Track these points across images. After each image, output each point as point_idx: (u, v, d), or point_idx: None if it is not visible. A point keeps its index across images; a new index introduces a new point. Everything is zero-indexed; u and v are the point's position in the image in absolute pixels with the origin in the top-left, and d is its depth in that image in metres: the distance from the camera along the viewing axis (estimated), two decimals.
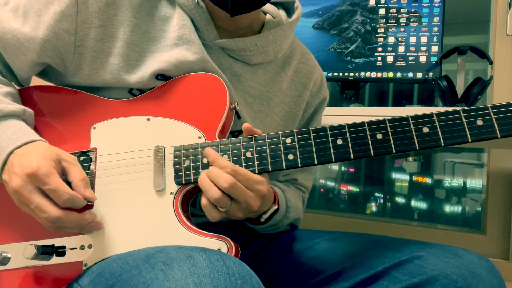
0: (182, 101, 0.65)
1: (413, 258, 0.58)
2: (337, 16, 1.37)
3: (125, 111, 0.66)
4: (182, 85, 0.66)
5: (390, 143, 0.55)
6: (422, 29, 1.28)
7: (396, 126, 0.56)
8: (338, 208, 2.00)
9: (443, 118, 0.55)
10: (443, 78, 1.15)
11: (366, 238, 0.68)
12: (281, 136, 0.59)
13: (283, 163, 0.58)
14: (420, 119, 0.55)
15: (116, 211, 0.60)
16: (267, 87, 0.77)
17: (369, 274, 0.60)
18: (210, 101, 0.64)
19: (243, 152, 0.59)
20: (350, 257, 0.64)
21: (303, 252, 0.71)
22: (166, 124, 0.64)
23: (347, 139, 0.57)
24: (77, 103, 0.67)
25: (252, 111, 0.75)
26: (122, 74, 0.66)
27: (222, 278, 0.44)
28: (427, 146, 0.55)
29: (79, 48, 0.65)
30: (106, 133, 0.65)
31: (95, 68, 0.66)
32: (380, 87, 2.03)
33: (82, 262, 0.58)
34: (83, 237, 0.59)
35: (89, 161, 0.63)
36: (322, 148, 0.57)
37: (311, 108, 0.84)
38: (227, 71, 0.72)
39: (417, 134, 0.55)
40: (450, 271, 0.54)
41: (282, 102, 0.78)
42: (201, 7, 0.69)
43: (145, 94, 0.67)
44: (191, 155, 0.61)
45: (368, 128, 0.56)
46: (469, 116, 0.54)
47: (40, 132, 0.66)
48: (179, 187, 0.60)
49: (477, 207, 1.77)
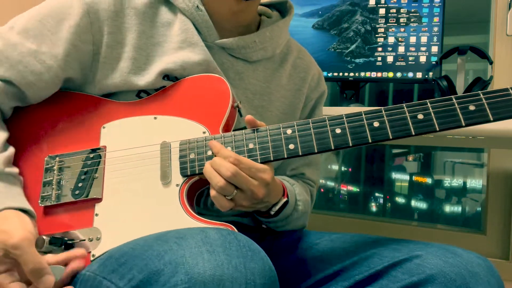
0: (187, 100, 0.68)
1: (412, 258, 0.58)
2: (337, 16, 1.37)
3: (133, 112, 0.69)
4: (187, 86, 0.69)
5: (386, 130, 0.58)
6: (422, 29, 1.28)
7: (392, 114, 0.58)
8: (338, 208, 2.00)
9: (437, 105, 0.57)
10: (443, 78, 1.15)
11: (366, 238, 0.69)
12: (282, 127, 0.62)
13: (284, 152, 0.60)
14: (414, 107, 0.58)
15: (124, 204, 0.63)
16: (267, 83, 0.80)
17: (369, 273, 0.61)
18: (214, 99, 0.67)
19: (245, 143, 0.62)
20: (350, 256, 0.65)
21: (304, 252, 0.71)
22: (172, 122, 0.67)
23: (345, 128, 0.59)
24: (87, 106, 0.70)
25: (253, 106, 0.77)
26: (131, 76, 0.68)
27: (234, 249, 0.47)
28: (422, 132, 0.57)
29: (96, 56, 0.68)
30: (115, 132, 0.68)
31: (105, 73, 0.68)
32: (380, 87, 2.03)
33: (91, 253, 0.60)
34: (92, 230, 0.62)
35: (98, 157, 0.66)
36: (321, 137, 0.60)
37: (311, 101, 0.86)
38: (230, 70, 0.75)
39: (412, 121, 0.57)
40: (448, 270, 0.54)
41: (282, 96, 0.81)
42: (201, 10, 0.72)
43: (152, 96, 0.70)
44: (196, 148, 0.63)
45: (365, 117, 0.59)
46: (461, 102, 0.57)
47: (52, 134, 0.69)
48: (185, 179, 0.62)
49: (477, 207, 1.77)
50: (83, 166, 0.66)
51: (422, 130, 0.57)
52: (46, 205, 0.64)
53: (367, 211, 1.96)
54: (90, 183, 0.64)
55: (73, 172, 0.65)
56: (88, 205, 0.63)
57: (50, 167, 0.66)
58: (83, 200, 0.63)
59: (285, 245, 0.76)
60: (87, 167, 0.65)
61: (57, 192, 0.64)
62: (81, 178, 0.65)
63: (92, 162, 0.66)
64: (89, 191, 0.64)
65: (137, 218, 0.62)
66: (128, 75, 0.68)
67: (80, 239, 0.61)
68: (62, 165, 0.66)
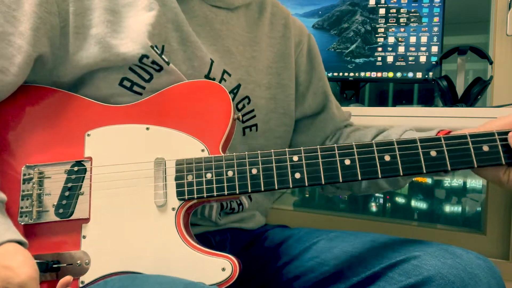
0: (184, 110, 0.62)
1: (410, 258, 0.57)
2: (337, 16, 1.37)
3: (122, 118, 0.62)
4: (183, 93, 0.63)
5: (398, 166, 0.56)
6: (422, 29, 1.28)
7: (404, 149, 0.56)
8: (338, 208, 2.00)
9: (451, 143, 0.55)
10: (443, 78, 1.15)
11: (365, 237, 0.68)
12: (288, 153, 0.58)
13: (289, 182, 0.57)
14: (428, 142, 0.56)
15: (114, 226, 0.58)
16: (252, 32, 0.78)
17: (366, 275, 0.60)
18: (214, 111, 0.62)
19: (248, 169, 0.58)
20: (347, 257, 0.64)
21: (302, 253, 0.71)
22: (166, 135, 0.61)
23: (355, 159, 0.56)
24: (70, 106, 0.62)
25: (246, 58, 0.76)
26: (109, 40, 0.61)
27: None
28: (434, 170, 0.55)
29: (64, 29, 0.62)
30: (102, 142, 0.61)
31: (79, 45, 0.61)
32: (380, 87, 2.03)
33: (79, 279, 0.56)
34: (79, 253, 0.57)
35: (83, 171, 0.60)
36: (329, 168, 0.57)
37: (304, 45, 0.85)
38: (215, 21, 0.72)
39: (424, 158, 0.55)
40: (447, 271, 0.53)
41: (269, 45, 0.80)
42: None
43: (143, 101, 0.63)
44: (194, 170, 0.58)
45: (376, 149, 0.56)
46: (476, 142, 0.55)
47: (27, 139, 0.61)
48: (181, 203, 0.58)
49: (477, 207, 1.77)
50: (67, 181, 0.59)
51: (434, 170, 0.55)
52: (27, 223, 0.58)
53: (367, 211, 1.96)
54: (75, 201, 0.59)
55: (55, 186, 0.59)
56: (74, 225, 0.58)
57: (28, 178, 0.59)
58: (68, 220, 0.58)
59: (282, 246, 0.75)
60: (71, 182, 0.59)
61: (38, 209, 0.58)
62: (64, 195, 0.59)
63: (76, 177, 0.59)
64: (74, 210, 0.58)
65: (128, 243, 0.57)
66: (105, 40, 0.61)
67: (67, 263, 0.56)
68: (42, 177, 0.60)
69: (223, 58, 0.72)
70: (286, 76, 0.81)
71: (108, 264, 0.56)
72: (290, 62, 0.81)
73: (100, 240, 0.57)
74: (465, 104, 1.12)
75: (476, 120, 0.91)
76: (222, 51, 0.72)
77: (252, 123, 0.75)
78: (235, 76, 0.73)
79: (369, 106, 1.61)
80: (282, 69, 0.80)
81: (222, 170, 0.58)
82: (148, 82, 0.63)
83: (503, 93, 1.36)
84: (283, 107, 0.80)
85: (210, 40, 0.71)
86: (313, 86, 0.85)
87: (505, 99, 1.34)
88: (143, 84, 0.63)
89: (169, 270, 0.55)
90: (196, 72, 0.68)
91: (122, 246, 0.57)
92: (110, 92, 0.63)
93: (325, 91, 0.86)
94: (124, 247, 0.57)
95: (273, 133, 0.79)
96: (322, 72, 0.87)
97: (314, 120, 0.86)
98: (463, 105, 1.12)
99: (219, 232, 0.74)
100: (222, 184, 0.57)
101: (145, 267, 0.56)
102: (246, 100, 0.74)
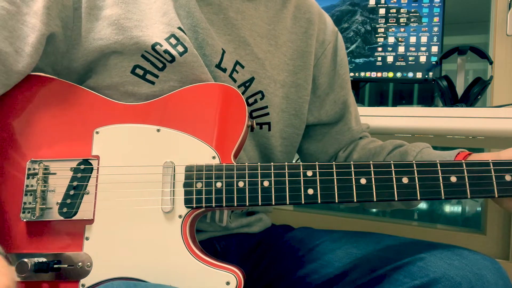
0: (197, 113, 0.60)
1: (415, 260, 0.57)
2: (337, 16, 1.37)
3: (132, 117, 0.60)
4: (197, 95, 0.61)
5: (415, 190, 0.53)
6: (422, 29, 1.28)
7: (424, 172, 0.54)
8: (338, 208, 2.00)
9: (473, 169, 0.53)
10: (443, 78, 1.14)
11: (369, 238, 0.67)
12: (302, 168, 0.56)
13: (302, 198, 0.55)
14: (449, 167, 0.54)
15: (119, 229, 0.56)
16: (272, 25, 0.73)
17: (370, 277, 0.60)
18: (227, 117, 0.60)
19: (260, 181, 0.56)
20: (352, 259, 0.64)
21: (306, 255, 0.70)
22: (177, 138, 0.59)
23: (371, 179, 0.54)
24: (79, 101, 0.61)
25: (262, 51, 0.71)
26: (122, 22, 0.60)
27: None
28: (452, 197, 0.53)
29: (77, 11, 0.61)
30: (111, 141, 0.59)
31: (91, 26, 0.60)
32: (380, 87, 2.03)
33: (79, 282, 0.55)
34: (81, 255, 0.56)
35: (90, 170, 0.58)
36: (344, 186, 0.54)
37: (329, 45, 0.79)
38: (229, 9, 0.68)
39: (444, 184, 0.53)
40: (453, 273, 0.52)
41: (288, 40, 0.75)
42: None
43: (156, 101, 0.61)
44: (203, 177, 0.56)
45: (395, 170, 0.54)
46: (498, 170, 0.53)
47: (33, 132, 0.60)
48: (189, 211, 0.56)
49: (477, 207, 1.77)
50: (72, 179, 0.58)
51: (453, 196, 0.53)
52: (29, 220, 0.56)
53: (367, 211, 1.96)
54: (79, 201, 0.57)
55: (60, 183, 0.58)
56: (77, 225, 0.56)
57: (33, 173, 0.58)
58: (72, 219, 0.57)
59: (285, 248, 0.74)
60: (77, 180, 0.58)
61: (42, 206, 0.57)
62: (69, 194, 0.57)
63: (82, 175, 0.58)
64: (78, 210, 0.57)
65: (132, 248, 0.55)
66: (118, 22, 0.59)
67: (69, 264, 0.55)
68: (47, 173, 0.58)
69: (237, 49, 0.69)
70: (302, 76, 0.76)
71: (110, 269, 0.55)
72: (309, 62, 0.76)
73: (103, 243, 0.56)
74: (465, 104, 1.12)
75: (476, 120, 0.91)
76: (237, 41, 0.69)
77: (264, 120, 0.72)
78: (249, 68, 0.69)
79: (369, 106, 1.61)
80: (299, 68, 0.76)
81: (233, 180, 0.56)
82: (161, 71, 0.62)
83: (503, 93, 1.36)
84: (295, 108, 0.76)
85: (224, 30, 0.68)
86: (334, 93, 0.80)
87: (505, 99, 1.34)
88: (156, 72, 0.62)
89: (172, 280, 0.54)
90: (207, 61, 0.65)
91: (126, 251, 0.55)
92: (121, 80, 0.61)
93: (346, 101, 0.81)
94: (128, 252, 0.55)
95: (281, 134, 0.76)
96: (346, 79, 0.81)
97: (330, 130, 0.81)
98: (463, 105, 1.12)
99: (225, 237, 0.73)
100: (232, 195, 0.56)
101: (148, 275, 0.55)
102: (259, 95, 0.71)
